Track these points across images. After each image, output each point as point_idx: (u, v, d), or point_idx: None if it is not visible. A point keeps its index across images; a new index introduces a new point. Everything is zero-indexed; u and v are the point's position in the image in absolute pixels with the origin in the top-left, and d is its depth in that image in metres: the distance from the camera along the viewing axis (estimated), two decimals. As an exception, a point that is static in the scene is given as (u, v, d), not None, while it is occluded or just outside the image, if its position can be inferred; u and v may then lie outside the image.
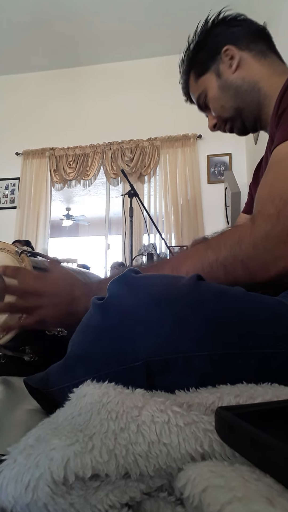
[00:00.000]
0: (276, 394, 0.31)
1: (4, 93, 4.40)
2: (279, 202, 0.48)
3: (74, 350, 0.41)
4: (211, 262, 0.49)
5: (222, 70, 0.78)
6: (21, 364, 0.62)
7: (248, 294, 0.42)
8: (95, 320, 0.40)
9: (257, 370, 0.37)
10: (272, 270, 0.47)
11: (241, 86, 0.76)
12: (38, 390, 0.45)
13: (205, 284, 0.41)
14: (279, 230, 0.46)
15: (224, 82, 0.78)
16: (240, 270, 0.48)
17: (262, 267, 0.47)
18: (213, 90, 0.80)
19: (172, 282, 0.40)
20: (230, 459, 0.24)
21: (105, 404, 0.29)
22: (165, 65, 4.07)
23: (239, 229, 0.51)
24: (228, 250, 0.49)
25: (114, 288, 0.41)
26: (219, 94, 0.80)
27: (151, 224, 2.90)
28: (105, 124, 4.08)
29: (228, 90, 0.78)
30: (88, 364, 0.38)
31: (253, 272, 0.47)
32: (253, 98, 0.76)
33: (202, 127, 3.89)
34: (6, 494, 0.24)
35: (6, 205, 4.18)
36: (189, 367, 0.35)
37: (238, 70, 0.76)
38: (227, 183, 3.12)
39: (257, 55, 0.75)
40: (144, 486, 0.25)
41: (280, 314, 0.40)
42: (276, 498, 0.19)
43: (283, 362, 0.37)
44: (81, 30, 3.71)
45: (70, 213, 6.37)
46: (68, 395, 0.35)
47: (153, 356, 0.35)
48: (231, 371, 0.36)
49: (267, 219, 0.48)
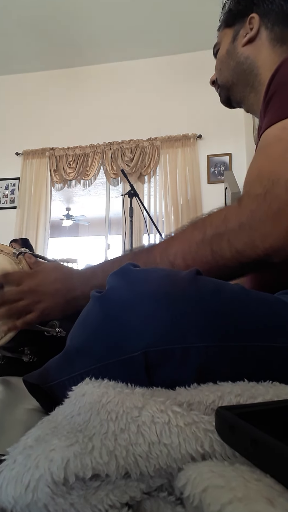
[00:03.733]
0: (276, 393, 0.31)
1: (4, 93, 4.40)
2: (267, 182, 0.47)
3: (73, 343, 0.41)
4: (198, 242, 0.49)
5: (239, 35, 0.76)
6: (20, 365, 0.62)
7: (246, 289, 0.42)
8: (94, 312, 0.40)
9: (254, 364, 0.37)
10: (259, 248, 0.45)
11: (242, 63, 0.75)
12: (38, 387, 0.44)
13: (204, 278, 0.41)
14: (265, 209, 0.45)
15: (233, 50, 0.76)
16: (227, 248, 0.47)
17: (249, 245, 0.46)
18: (223, 49, 0.79)
19: (171, 275, 0.41)
20: (231, 459, 0.24)
21: (105, 405, 0.29)
22: (165, 65, 4.08)
23: (225, 209, 0.50)
24: (214, 229, 0.48)
25: (113, 281, 0.41)
26: (224, 58, 0.78)
27: (151, 224, 2.90)
28: (105, 124, 4.08)
29: (231, 59, 0.77)
30: (87, 356, 0.39)
31: (240, 251, 0.46)
32: (248, 80, 0.75)
33: (202, 127, 3.91)
34: (6, 495, 0.24)
35: (6, 205, 4.18)
36: (186, 358, 0.35)
37: (249, 45, 0.74)
38: (227, 183, 3.12)
39: (274, 39, 0.72)
40: (144, 485, 0.25)
41: (278, 310, 0.40)
42: (277, 498, 0.19)
43: (281, 357, 0.38)
44: (81, 30, 3.71)
45: (70, 213, 6.37)
46: (67, 390, 0.35)
47: (151, 347, 0.35)
48: (228, 364, 0.36)
49: (253, 198, 0.47)
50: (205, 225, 0.50)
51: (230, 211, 0.49)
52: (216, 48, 0.82)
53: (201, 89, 3.71)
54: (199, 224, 0.51)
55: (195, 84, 3.83)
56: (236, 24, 0.77)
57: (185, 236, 0.51)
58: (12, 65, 4.25)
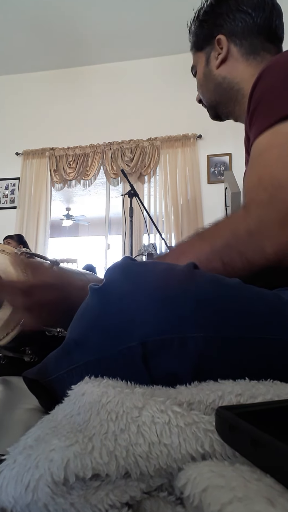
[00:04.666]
0: (277, 393, 0.31)
1: (4, 93, 4.40)
2: (271, 188, 0.47)
3: (71, 335, 0.41)
4: (207, 254, 0.49)
5: (211, 57, 0.78)
6: (21, 365, 0.62)
7: (243, 283, 0.43)
8: (92, 304, 0.40)
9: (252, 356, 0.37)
10: (269, 254, 0.46)
11: (221, 84, 0.77)
12: (37, 382, 0.44)
13: (200, 271, 0.41)
14: (273, 214, 0.46)
15: (208, 73, 0.79)
16: (238, 259, 0.47)
17: (259, 252, 0.46)
18: (200, 73, 0.81)
19: (168, 268, 0.41)
20: (231, 459, 0.24)
21: (105, 405, 0.29)
22: (165, 65, 4.08)
23: (233, 218, 0.51)
24: (223, 240, 0.48)
25: (111, 274, 0.41)
26: (202, 81, 0.82)
27: (151, 224, 2.90)
28: (105, 124, 4.08)
29: (209, 81, 0.79)
30: (85, 347, 0.39)
31: (251, 259, 0.47)
32: (230, 97, 0.77)
33: (202, 127, 3.91)
34: (6, 494, 0.24)
35: (6, 205, 4.18)
36: (184, 348, 0.35)
37: (223, 65, 0.76)
38: (227, 183, 3.11)
39: (246, 54, 0.74)
40: (144, 485, 0.25)
41: (275, 304, 0.41)
42: (277, 498, 0.19)
43: (278, 349, 0.38)
44: (81, 30, 3.71)
45: (70, 213, 6.37)
46: (66, 384, 0.35)
47: (149, 336, 0.35)
48: (225, 355, 0.36)
49: (259, 204, 0.47)
50: (214, 236, 0.50)
51: (238, 219, 0.49)
52: (193, 70, 0.85)
53: (201, 89, 3.72)
54: (207, 235, 0.51)
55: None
56: (205, 47, 0.78)
57: (194, 249, 0.51)
58: (12, 65, 4.25)
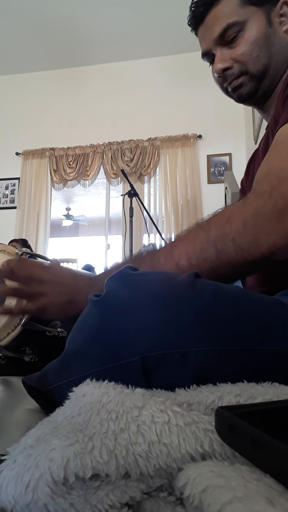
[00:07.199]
0: (276, 393, 0.31)
1: (4, 93, 4.40)
2: (275, 180, 0.47)
3: (71, 347, 0.41)
4: (202, 242, 0.48)
5: (272, 18, 0.67)
6: (22, 365, 0.62)
7: (245, 292, 0.42)
8: (92, 316, 0.40)
9: (253, 368, 0.37)
10: (263, 246, 0.45)
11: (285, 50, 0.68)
12: (37, 389, 0.44)
13: (202, 281, 0.41)
14: (270, 206, 0.45)
15: (273, 34, 0.67)
16: (231, 247, 0.46)
17: (253, 243, 0.45)
18: (258, 32, 0.67)
19: (169, 279, 0.40)
20: (230, 459, 0.24)
21: (105, 404, 0.29)
22: (165, 65, 4.08)
23: (230, 208, 0.50)
24: (218, 229, 0.48)
25: (111, 284, 0.41)
26: (262, 42, 0.67)
27: (151, 224, 2.90)
28: (105, 124, 4.08)
29: (272, 45, 0.67)
30: (85, 360, 0.38)
31: (245, 249, 0.46)
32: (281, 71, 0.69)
33: (202, 127, 3.91)
34: (6, 494, 0.24)
35: (6, 205, 4.18)
36: (185, 362, 0.35)
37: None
38: (227, 183, 3.12)
39: None
40: (144, 485, 0.25)
41: (278, 313, 0.40)
42: (276, 498, 0.19)
43: (280, 360, 0.37)
44: (81, 30, 3.71)
45: (70, 213, 6.36)
46: (66, 393, 0.35)
47: (150, 351, 0.35)
48: (227, 368, 0.36)
49: (259, 196, 0.47)
50: (210, 225, 0.50)
51: (234, 209, 0.49)
52: (231, 30, 0.67)
53: (201, 89, 3.72)
54: (204, 224, 0.51)
55: (195, 84, 3.83)
56: (266, 4, 0.67)
57: (190, 237, 0.51)
58: (12, 65, 4.25)
